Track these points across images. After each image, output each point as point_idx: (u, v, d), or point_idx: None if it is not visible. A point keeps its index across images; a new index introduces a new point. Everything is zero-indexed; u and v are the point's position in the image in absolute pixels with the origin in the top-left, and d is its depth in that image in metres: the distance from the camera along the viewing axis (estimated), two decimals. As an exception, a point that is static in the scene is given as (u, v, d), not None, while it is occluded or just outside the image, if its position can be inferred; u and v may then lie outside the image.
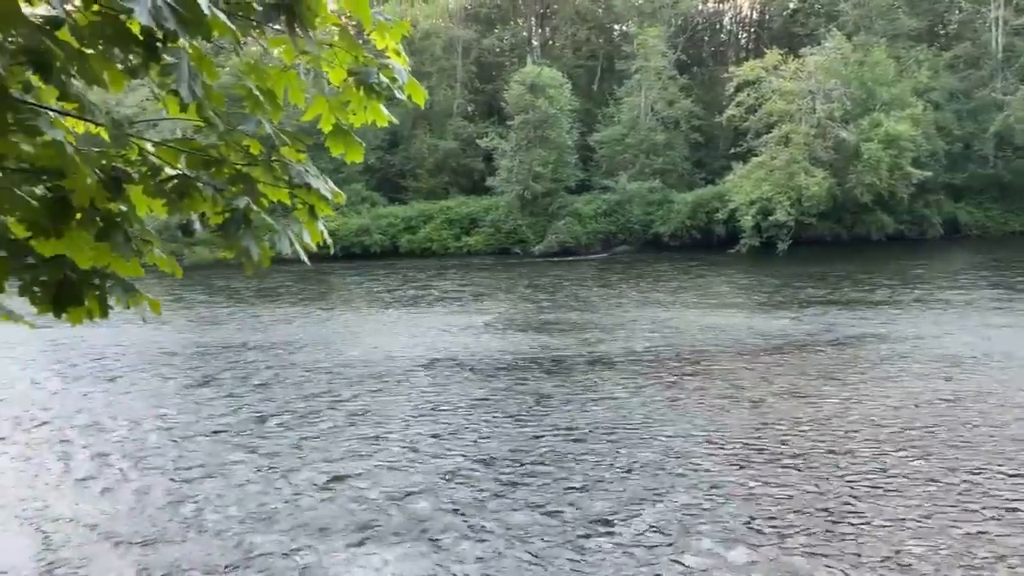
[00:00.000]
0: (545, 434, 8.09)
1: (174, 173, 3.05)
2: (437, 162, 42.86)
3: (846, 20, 37.36)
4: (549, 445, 7.71)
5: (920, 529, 5.48)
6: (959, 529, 5.47)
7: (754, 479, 6.58)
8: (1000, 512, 5.74)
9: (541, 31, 51.43)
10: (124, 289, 3.13)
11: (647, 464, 7.06)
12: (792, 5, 45.71)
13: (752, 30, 50.04)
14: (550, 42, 50.16)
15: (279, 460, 7.56)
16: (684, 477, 6.68)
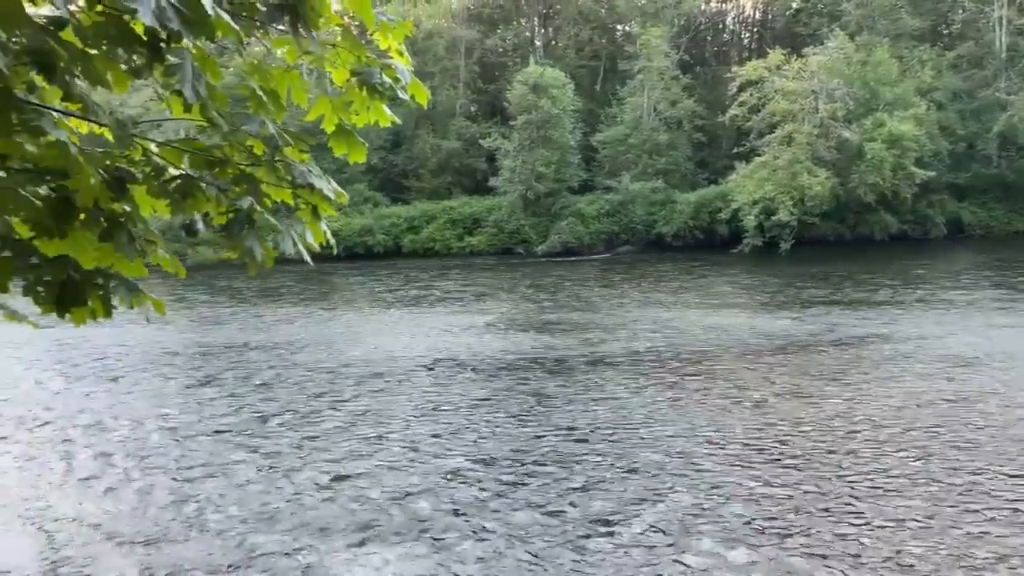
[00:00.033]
0: (546, 434, 8.09)
1: (178, 173, 3.05)
2: (440, 162, 42.88)
3: (849, 20, 37.31)
4: (550, 445, 7.71)
5: (922, 530, 5.47)
6: (961, 530, 5.46)
7: (755, 479, 6.57)
8: (1002, 513, 5.73)
9: (544, 31, 51.42)
10: (128, 289, 3.14)
11: (648, 464, 7.05)
12: (795, 5, 45.66)
13: (755, 30, 50.01)
14: (553, 42, 50.16)
15: (281, 460, 7.57)
16: (685, 477, 6.68)
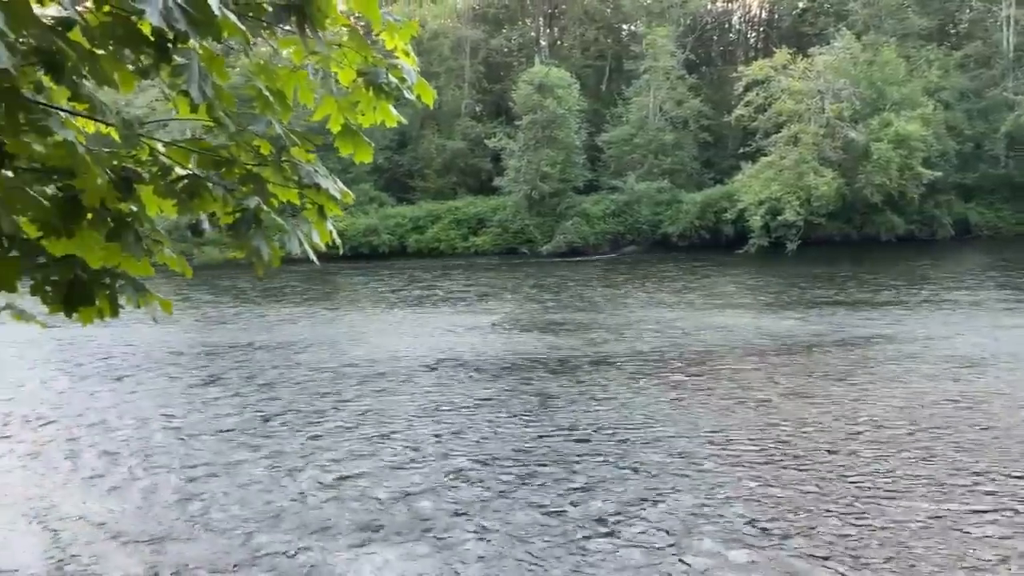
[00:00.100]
0: (549, 434, 8.09)
1: (184, 173, 3.06)
2: (445, 162, 42.89)
3: (855, 19, 37.16)
4: (553, 445, 7.70)
5: (924, 531, 5.44)
6: (964, 531, 5.43)
7: (758, 480, 6.56)
8: (1005, 514, 5.70)
9: (549, 31, 51.38)
10: (135, 288, 3.15)
11: (651, 464, 7.04)
12: (801, 4, 45.48)
13: (761, 29, 49.88)
14: (558, 42, 50.11)
15: (285, 459, 7.58)
16: (688, 477, 6.67)
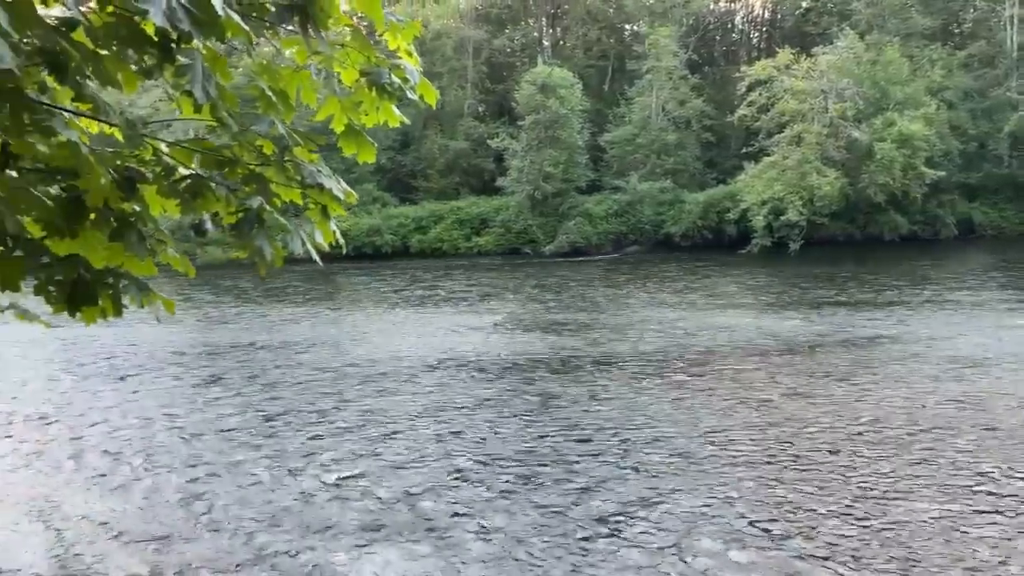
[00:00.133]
0: (551, 434, 8.09)
1: (188, 173, 3.06)
2: (448, 162, 42.91)
3: (859, 19, 37.11)
4: (555, 445, 7.70)
5: (927, 531, 5.43)
6: (966, 532, 5.42)
7: (760, 480, 6.55)
8: (1008, 515, 5.68)
9: (552, 31, 51.39)
10: (138, 288, 3.15)
11: (652, 464, 7.03)
12: (804, 4, 45.44)
13: (764, 29, 49.83)
14: (561, 42, 50.11)
15: (287, 459, 7.59)
16: (689, 478, 6.66)
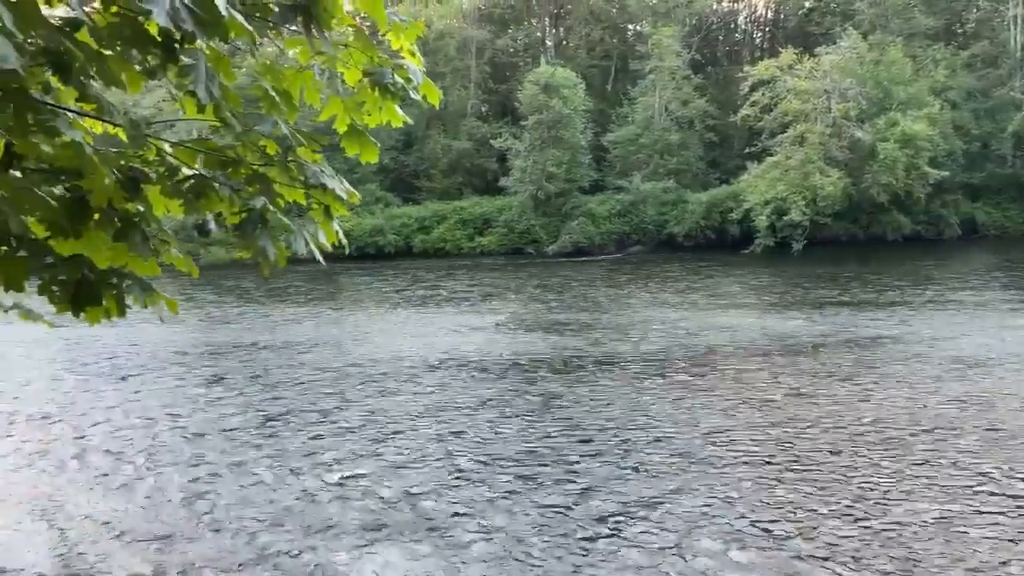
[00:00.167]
0: (552, 434, 8.08)
1: (191, 173, 3.07)
2: (451, 162, 42.92)
3: (862, 19, 37.05)
4: (556, 445, 7.70)
5: (927, 532, 5.42)
6: (967, 532, 5.40)
7: (761, 480, 6.54)
8: (1010, 515, 5.66)
9: (555, 31, 51.38)
10: (142, 288, 3.16)
11: (653, 464, 7.03)
12: (807, 4, 45.39)
13: (767, 29, 49.77)
14: (564, 42, 50.10)
15: (289, 459, 7.59)
16: (691, 478, 6.65)
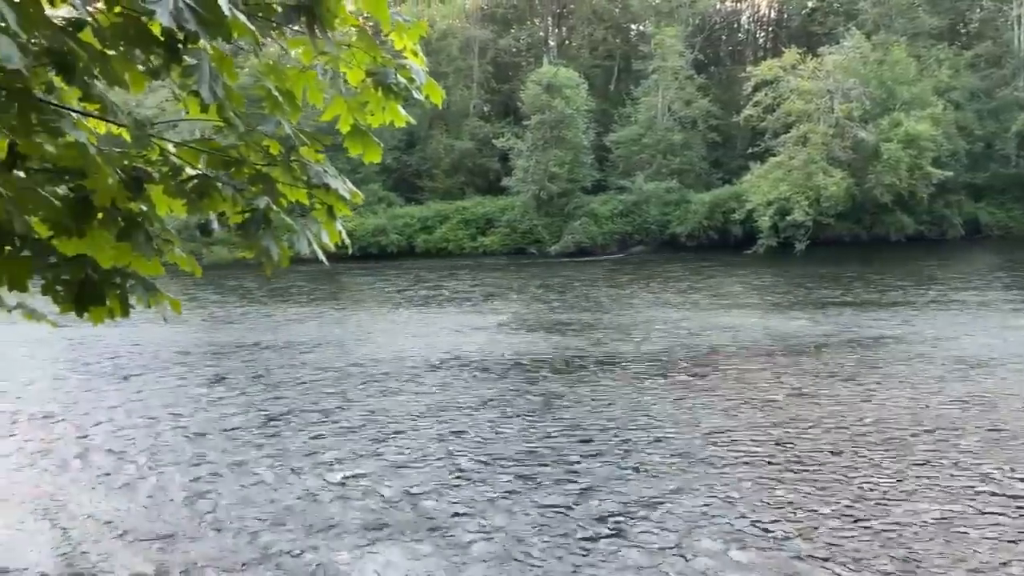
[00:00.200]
0: (554, 434, 8.08)
1: (194, 173, 3.07)
2: (453, 162, 42.91)
3: (865, 19, 36.98)
4: (557, 445, 7.69)
5: (928, 532, 5.40)
6: (969, 533, 5.38)
7: (762, 480, 6.53)
8: (1012, 516, 5.64)
9: (558, 31, 51.34)
10: (145, 288, 3.16)
11: (654, 464, 7.02)
12: (811, 4, 45.29)
13: (770, 29, 49.70)
14: (567, 42, 50.08)
15: (291, 459, 7.59)
16: (691, 478, 6.64)
